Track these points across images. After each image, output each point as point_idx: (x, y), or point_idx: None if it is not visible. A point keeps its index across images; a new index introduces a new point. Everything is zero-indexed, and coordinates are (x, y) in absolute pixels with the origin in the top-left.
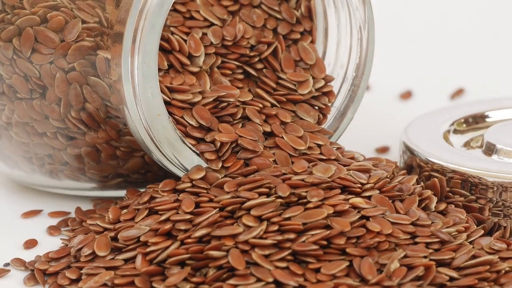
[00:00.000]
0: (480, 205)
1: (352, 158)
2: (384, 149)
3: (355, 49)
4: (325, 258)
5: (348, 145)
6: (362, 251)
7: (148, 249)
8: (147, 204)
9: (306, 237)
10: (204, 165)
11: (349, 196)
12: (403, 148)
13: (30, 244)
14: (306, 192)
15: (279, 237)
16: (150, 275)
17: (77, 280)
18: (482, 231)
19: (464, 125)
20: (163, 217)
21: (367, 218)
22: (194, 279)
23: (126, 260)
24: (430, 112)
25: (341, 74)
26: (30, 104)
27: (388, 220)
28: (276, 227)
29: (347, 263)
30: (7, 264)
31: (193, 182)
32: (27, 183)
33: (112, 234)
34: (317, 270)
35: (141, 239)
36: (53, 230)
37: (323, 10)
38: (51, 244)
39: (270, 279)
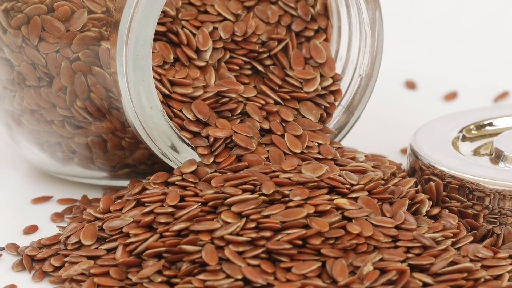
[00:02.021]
0: (475, 212)
1: (353, 158)
2: (406, 150)
3: (363, 48)
4: (299, 257)
5: (376, 144)
6: (337, 252)
7: (128, 240)
8: (137, 195)
9: (281, 236)
10: (199, 159)
11: (335, 197)
12: (409, 150)
13: (30, 230)
14: (290, 190)
15: (254, 235)
16: (127, 266)
17: (61, 268)
18: (472, 238)
19: (473, 131)
20: (146, 209)
21: (350, 219)
22: (167, 272)
23: (109, 250)
24: (442, 117)
25: (351, 73)
26: (38, 91)
27: (370, 222)
28: (253, 224)
29: (319, 264)
30: (1, 249)
31: (183, 175)
32: (43, 169)
33: (100, 223)
34: (289, 270)
35: (123, 230)
36: (56, 217)
37: (337, 8)
38: (52, 231)
39: (239, 276)
